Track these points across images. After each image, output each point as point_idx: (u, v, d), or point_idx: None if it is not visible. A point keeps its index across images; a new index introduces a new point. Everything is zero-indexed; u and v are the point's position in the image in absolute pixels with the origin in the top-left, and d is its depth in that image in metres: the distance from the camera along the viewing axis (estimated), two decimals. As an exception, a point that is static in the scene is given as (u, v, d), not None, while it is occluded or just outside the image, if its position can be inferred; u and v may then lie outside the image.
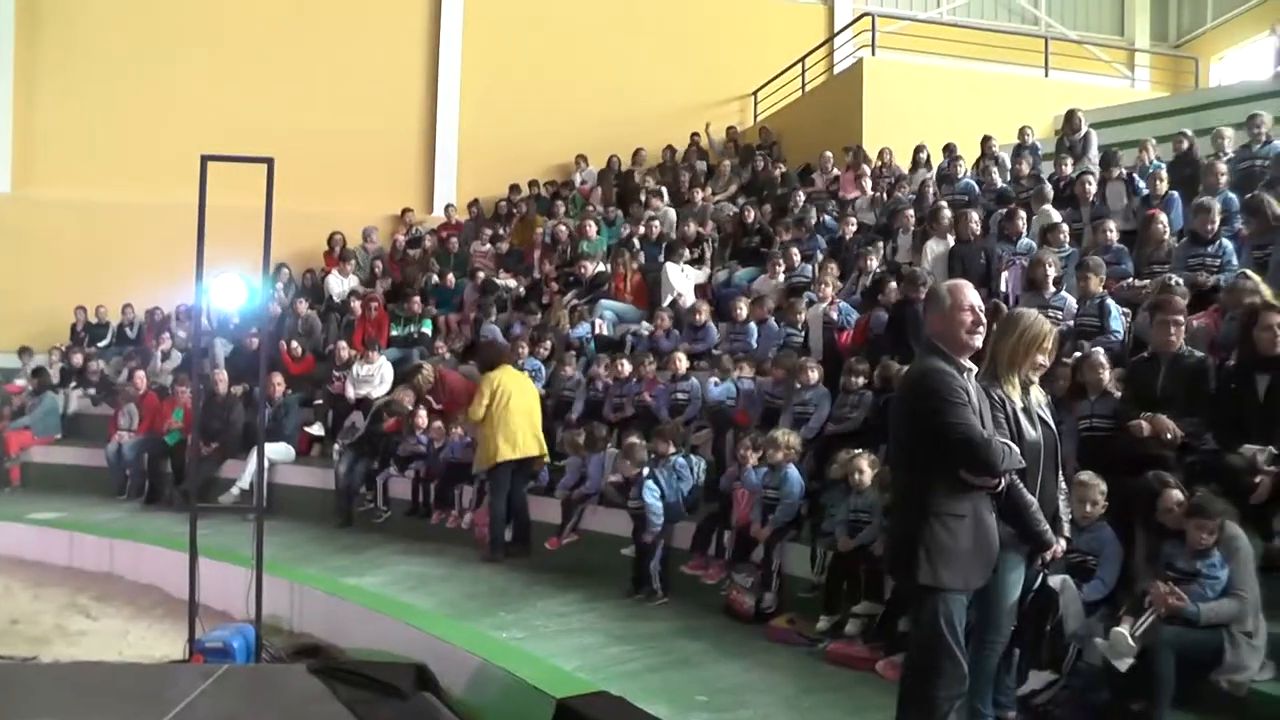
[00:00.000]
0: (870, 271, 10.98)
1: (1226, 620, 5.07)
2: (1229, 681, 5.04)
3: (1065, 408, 6.60)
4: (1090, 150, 13.02)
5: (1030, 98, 17.19)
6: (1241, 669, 5.03)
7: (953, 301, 4.37)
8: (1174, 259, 8.50)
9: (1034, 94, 17.56)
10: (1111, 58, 22.44)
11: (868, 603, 6.76)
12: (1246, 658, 5.05)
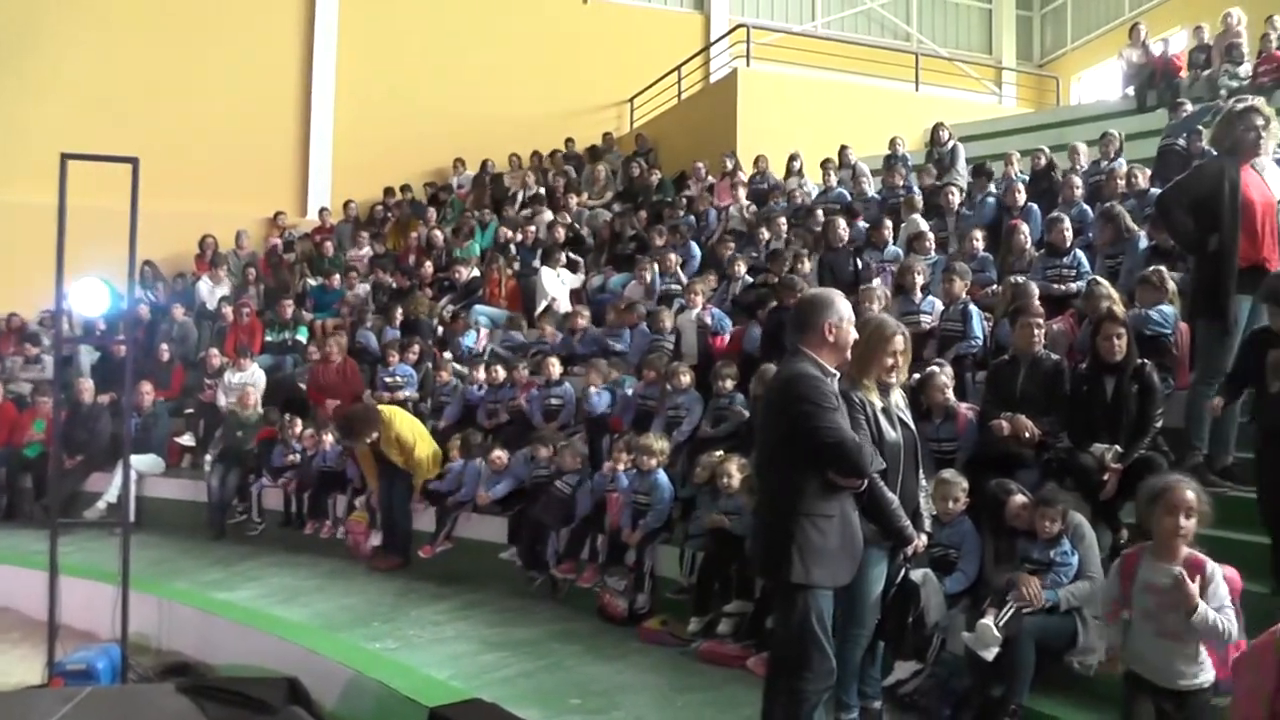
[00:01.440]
0: (740, 278, 11.15)
1: (1083, 603, 5.33)
2: (1079, 662, 5.32)
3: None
4: (958, 162, 13.48)
5: (901, 111, 17.75)
6: (1091, 650, 5.29)
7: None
8: (1032, 268, 8.83)
9: (905, 107, 18.13)
10: (981, 75, 23.28)
11: (739, 601, 6.87)
12: (1096, 640, 5.29)
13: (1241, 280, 6.00)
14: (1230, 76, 13.99)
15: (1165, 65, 15.35)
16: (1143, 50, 16.14)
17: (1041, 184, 11.37)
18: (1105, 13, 22.80)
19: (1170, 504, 4.02)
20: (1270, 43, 14.05)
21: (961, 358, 7.86)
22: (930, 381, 6.78)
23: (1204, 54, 14.91)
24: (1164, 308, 7.17)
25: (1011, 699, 5.09)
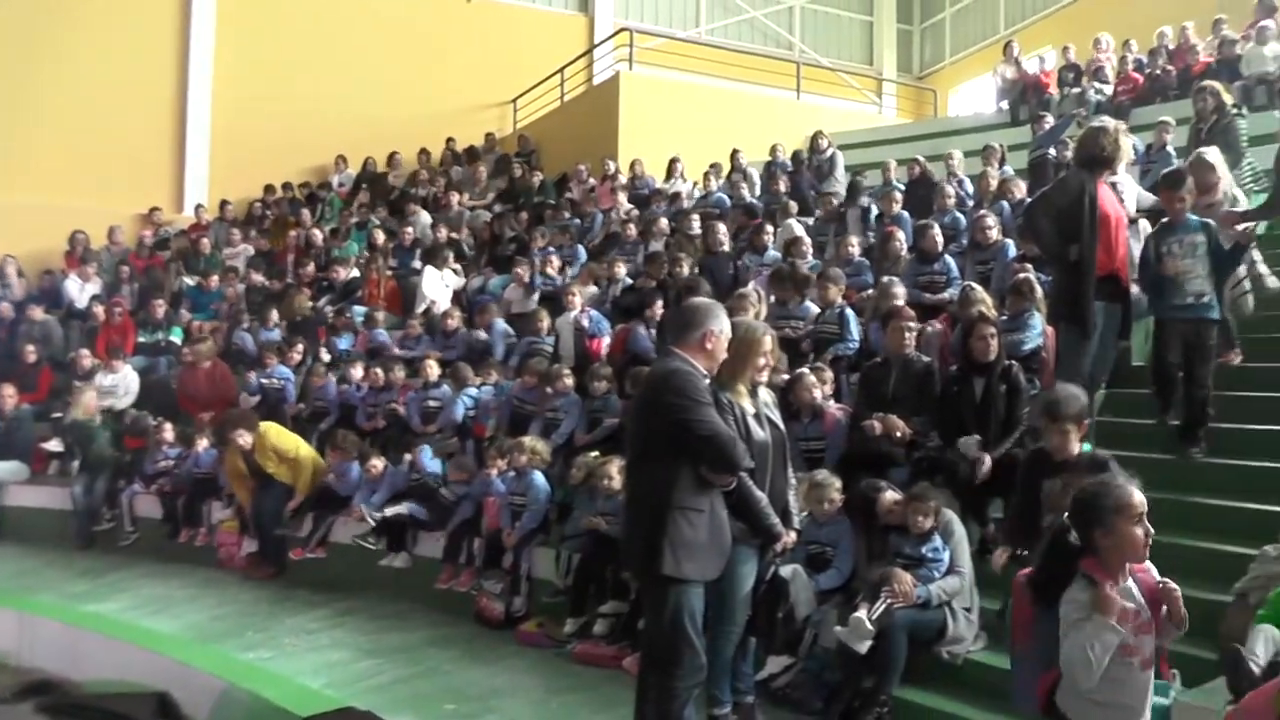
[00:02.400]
0: (620, 280, 11.21)
1: (952, 596, 5.52)
2: (948, 653, 5.52)
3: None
4: (836, 170, 13.75)
5: (783, 118, 17.99)
6: (959, 641, 5.53)
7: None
8: (904, 274, 9.05)
9: (786, 115, 18.37)
10: (862, 85, 23.75)
11: (614, 602, 6.92)
12: (964, 630, 5.55)
13: (1099, 287, 6.28)
14: (1096, 93, 14.64)
15: (1036, 82, 15.98)
16: (1016, 67, 16.78)
17: (917, 192, 11.66)
18: (981, 30, 23.54)
19: (1134, 512, 3.38)
20: (1128, 65, 14.88)
21: (838, 359, 8.03)
22: (799, 382, 6.93)
23: (1073, 72, 15.62)
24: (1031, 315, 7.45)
25: (882, 690, 5.26)
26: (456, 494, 8.70)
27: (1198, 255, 6.54)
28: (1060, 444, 4.97)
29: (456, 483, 8.77)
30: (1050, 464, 4.95)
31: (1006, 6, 22.98)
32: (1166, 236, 6.71)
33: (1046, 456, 5.08)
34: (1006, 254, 8.88)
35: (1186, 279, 6.51)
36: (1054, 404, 5.09)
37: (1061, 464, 4.92)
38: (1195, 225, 6.64)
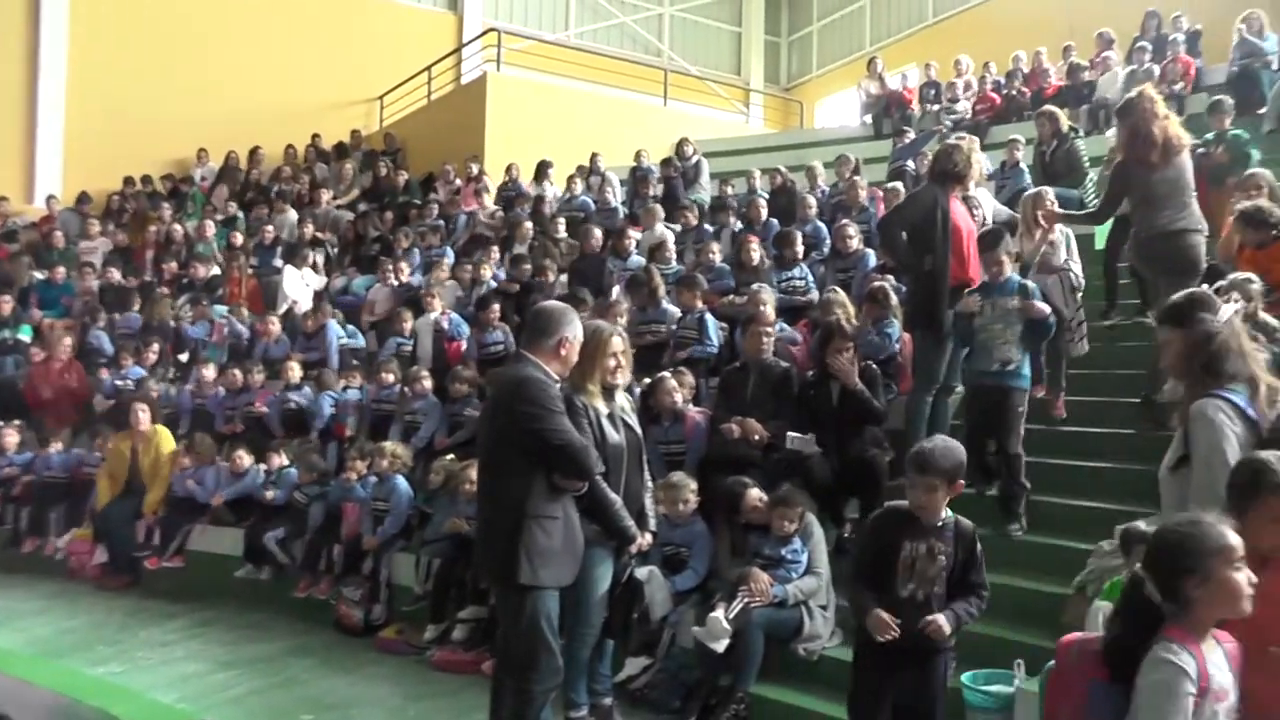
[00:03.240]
0: (484, 282, 11.20)
1: (809, 596, 5.68)
2: (805, 649, 5.66)
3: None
4: (701, 176, 14.00)
5: (650, 124, 18.23)
6: (816, 638, 5.68)
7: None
8: (765, 280, 9.24)
9: (654, 121, 18.61)
10: (730, 95, 24.15)
11: (473, 607, 6.92)
12: (820, 628, 5.71)
13: (952, 296, 6.54)
14: (951, 112, 15.19)
15: (899, 98, 16.54)
16: (880, 82, 17.32)
17: (780, 201, 11.94)
18: (847, 45, 24.17)
19: (1234, 555, 2.68)
20: (987, 84, 15.55)
21: (697, 363, 8.15)
22: (659, 386, 7.03)
23: (933, 89, 16.17)
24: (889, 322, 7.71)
25: (739, 687, 5.37)
26: (309, 495, 8.60)
27: (1010, 320, 6.26)
28: (926, 503, 3.96)
29: (308, 485, 8.68)
30: (913, 524, 4.02)
31: (872, 24, 23.69)
32: (980, 297, 6.40)
33: (908, 516, 4.07)
34: (867, 263, 9.17)
35: (995, 344, 6.25)
36: (924, 456, 4.00)
37: (927, 528, 4.02)
38: (1012, 288, 6.35)
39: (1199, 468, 3.36)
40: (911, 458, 4.01)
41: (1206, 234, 6.73)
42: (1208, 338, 3.60)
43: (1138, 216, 6.77)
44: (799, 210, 10.84)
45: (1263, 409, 3.49)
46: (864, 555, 4.23)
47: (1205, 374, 3.54)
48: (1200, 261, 6.64)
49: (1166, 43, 13.67)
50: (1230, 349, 3.57)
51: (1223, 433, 3.33)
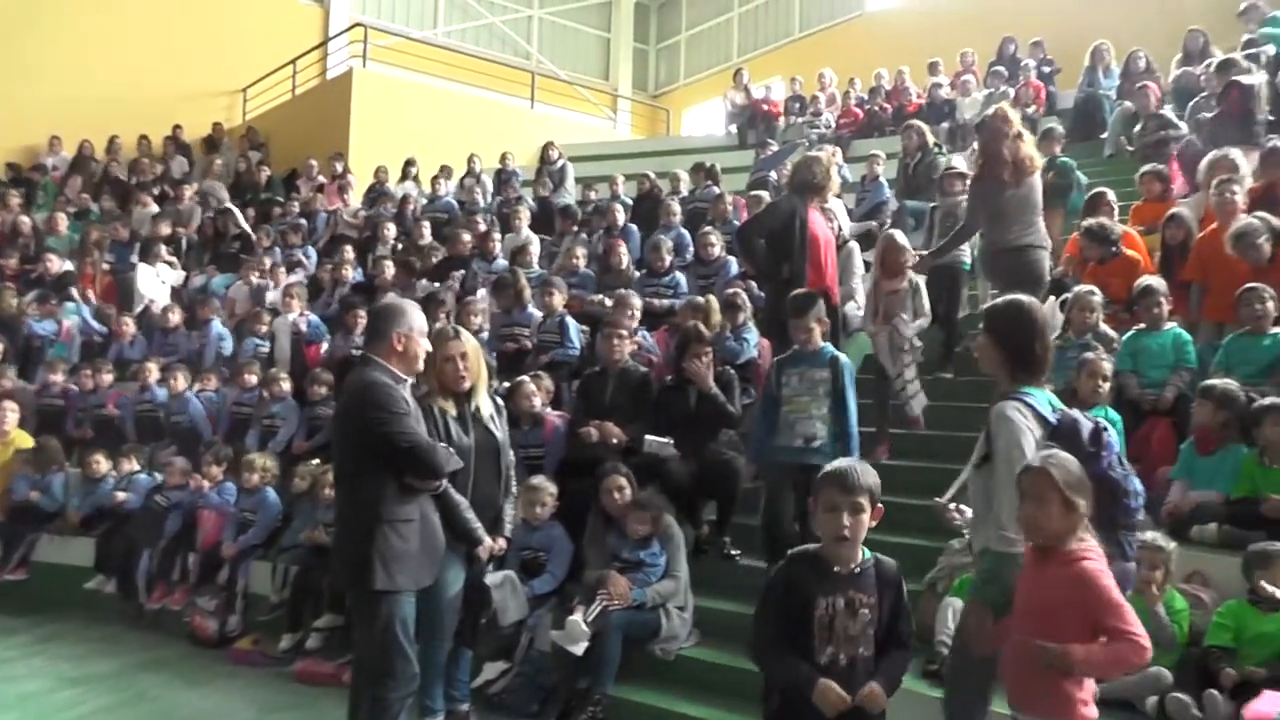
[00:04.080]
0: (346, 283, 11.03)
1: (668, 599, 5.75)
2: (662, 649, 5.73)
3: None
4: (567, 180, 14.02)
5: (517, 126, 18.25)
6: (673, 639, 5.75)
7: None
8: (633, 286, 9.33)
9: (520, 123, 18.63)
10: (598, 100, 24.20)
11: (330, 615, 6.83)
12: (678, 629, 5.78)
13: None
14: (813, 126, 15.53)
15: (764, 109, 16.82)
16: (745, 93, 17.61)
17: (644, 206, 12.03)
18: (714, 55, 24.56)
19: None
20: (850, 99, 16.00)
21: (559, 367, 8.17)
22: (518, 390, 7.02)
23: (798, 102, 16.50)
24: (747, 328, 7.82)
25: (596, 689, 5.40)
26: (171, 500, 8.33)
27: (817, 393, 5.75)
28: (852, 528, 3.28)
29: (171, 488, 8.41)
30: (824, 574, 3.34)
31: (739, 35, 24.12)
32: (787, 367, 5.92)
33: (817, 563, 3.38)
34: (728, 270, 9.32)
35: (798, 418, 5.73)
36: (846, 474, 3.34)
37: (843, 577, 3.37)
38: (824, 358, 5.82)
39: (1001, 464, 3.51)
40: (831, 478, 3.28)
41: (1050, 250, 7.11)
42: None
43: (987, 231, 7.10)
44: (663, 217, 10.95)
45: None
46: (769, 615, 3.42)
47: (1016, 376, 3.70)
48: (1044, 275, 7.02)
49: (1019, 67, 14.27)
50: None
51: (1020, 429, 3.49)
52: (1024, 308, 3.78)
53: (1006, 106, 7.46)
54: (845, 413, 5.67)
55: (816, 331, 5.86)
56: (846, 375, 5.77)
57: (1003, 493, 3.47)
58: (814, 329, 5.85)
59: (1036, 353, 3.68)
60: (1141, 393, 6.16)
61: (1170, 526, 5.31)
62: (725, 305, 7.94)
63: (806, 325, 5.83)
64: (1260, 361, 5.99)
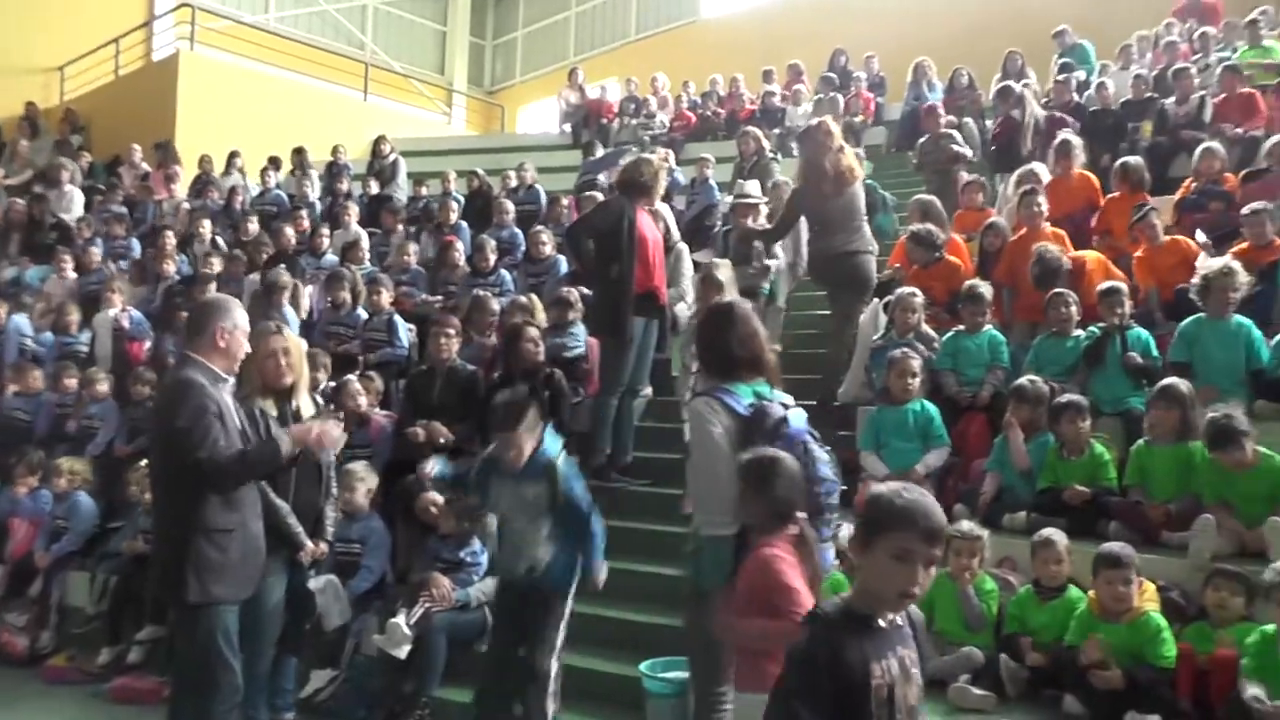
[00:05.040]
0: (170, 278, 10.63)
1: (491, 598, 5.60)
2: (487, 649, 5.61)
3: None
4: (399, 175, 13.81)
5: (350, 118, 17.86)
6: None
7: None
8: (461, 285, 9.30)
9: (354, 115, 18.24)
10: (433, 94, 23.85)
11: (152, 627, 6.55)
12: None
13: (637, 303, 6.79)
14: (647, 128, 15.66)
15: (599, 109, 16.88)
16: (580, 93, 17.59)
17: (476, 204, 11.97)
18: (551, 53, 24.38)
19: None
20: (684, 103, 16.18)
21: (387, 365, 8.07)
22: (344, 389, 6.90)
23: (633, 104, 16.57)
24: (575, 327, 7.88)
25: (422, 692, 5.35)
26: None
27: (537, 511, 4.68)
28: (923, 583, 2.38)
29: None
30: (871, 633, 2.40)
31: (576, 35, 24.07)
32: (494, 475, 4.81)
33: (861, 622, 2.42)
34: (559, 269, 9.34)
35: (523, 542, 4.71)
36: (921, 514, 2.39)
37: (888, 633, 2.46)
38: (537, 470, 4.68)
39: (695, 454, 3.80)
40: (906, 517, 2.34)
41: (876, 254, 7.44)
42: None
43: (814, 238, 7.39)
44: (495, 215, 10.91)
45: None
46: (815, 699, 2.32)
47: (716, 374, 3.91)
48: (871, 279, 7.33)
49: (850, 78, 14.72)
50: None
51: (707, 421, 3.69)
52: (722, 311, 4.01)
53: (829, 120, 7.72)
54: (575, 514, 4.71)
55: (528, 444, 4.66)
56: (568, 475, 4.72)
57: (695, 481, 3.82)
58: (525, 444, 4.65)
59: (735, 351, 3.85)
60: (960, 390, 6.49)
61: (984, 515, 5.64)
62: (555, 302, 7.97)
63: (517, 442, 4.64)
64: (1065, 361, 6.41)
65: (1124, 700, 4.23)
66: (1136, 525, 5.20)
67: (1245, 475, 5.05)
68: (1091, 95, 10.80)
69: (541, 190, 12.04)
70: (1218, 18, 12.78)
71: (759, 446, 3.56)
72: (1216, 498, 5.07)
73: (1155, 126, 9.79)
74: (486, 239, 9.62)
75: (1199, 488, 5.19)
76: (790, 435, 3.67)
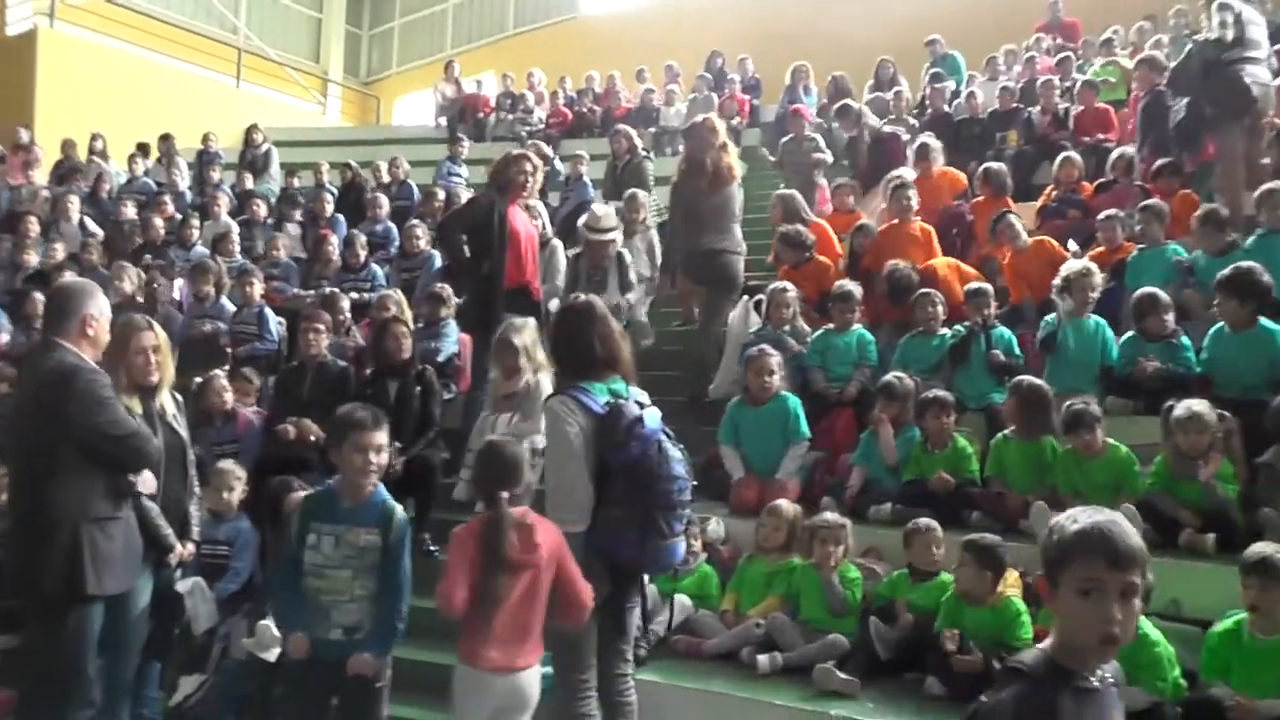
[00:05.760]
0: (27, 270, 10.23)
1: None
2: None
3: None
4: (271, 166, 13.51)
5: (221, 104, 17.35)
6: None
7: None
8: (334, 279, 9.17)
9: (226, 101, 17.74)
10: (308, 83, 23.29)
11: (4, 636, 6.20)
12: None
13: (509, 299, 6.74)
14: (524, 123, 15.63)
15: (475, 104, 16.77)
16: (456, 86, 17.41)
17: (350, 197, 11.80)
18: (428, 45, 24.05)
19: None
20: (559, 99, 16.24)
21: (256, 359, 7.90)
22: (209, 385, 6.71)
23: (510, 99, 16.52)
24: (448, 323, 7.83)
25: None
26: None
27: (363, 563, 3.90)
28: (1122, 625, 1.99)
29: None
30: (1074, 692, 2.02)
31: (454, 27, 23.81)
32: (317, 520, 3.96)
33: (1070, 677, 2.04)
34: (432, 264, 9.22)
35: (334, 602, 3.88)
36: (1102, 536, 2.00)
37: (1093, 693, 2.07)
38: (373, 513, 3.95)
39: (549, 452, 3.91)
40: (1085, 541, 1.99)
41: (745, 254, 7.54)
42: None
43: (686, 234, 7.40)
44: (370, 209, 10.77)
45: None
46: None
47: (570, 373, 4.00)
48: (738, 278, 7.44)
49: (725, 80, 14.91)
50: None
51: (562, 420, 3.76)
52: (579, 310, 4.06)
53: (714, 117, 7.83)
54: (394, 587, 3.94)
55: (372, 477, 3.96)
56: (403, 534, 3.98)
57: (549, 478, 3.90)
58: (371, 462, 3.91)
59: (593, 350, 3.93)
60: (827, 386, 6.66)
61: (851, 507, 5.79)
62: (428, 298, 7.90)
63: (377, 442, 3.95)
64: (930, 359, 6.66)
65: (984, 682, 4.37)
66: (997, 515, 5.45)
67: (1095, 464, 5.34)
68: (961, 104, 11.19)
69: (414, 185, 11.92)
70: (1078, 35, 13.44)
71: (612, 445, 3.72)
72: (1070, 488, 5.34)
73: (1021, 136, 10.24)
74: (357, 234, 9.51)
75: (1055, 479, 5.46)
76: (645, 434, 3.75)
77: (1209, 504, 5.03)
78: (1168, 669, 4.19)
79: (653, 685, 4.69)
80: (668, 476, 3.75)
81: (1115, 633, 1.95)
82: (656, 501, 3.73)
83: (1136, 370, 5.95)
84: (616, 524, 3.74)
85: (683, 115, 13.51)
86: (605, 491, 3.77)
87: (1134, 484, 5.27)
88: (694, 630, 5.27)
